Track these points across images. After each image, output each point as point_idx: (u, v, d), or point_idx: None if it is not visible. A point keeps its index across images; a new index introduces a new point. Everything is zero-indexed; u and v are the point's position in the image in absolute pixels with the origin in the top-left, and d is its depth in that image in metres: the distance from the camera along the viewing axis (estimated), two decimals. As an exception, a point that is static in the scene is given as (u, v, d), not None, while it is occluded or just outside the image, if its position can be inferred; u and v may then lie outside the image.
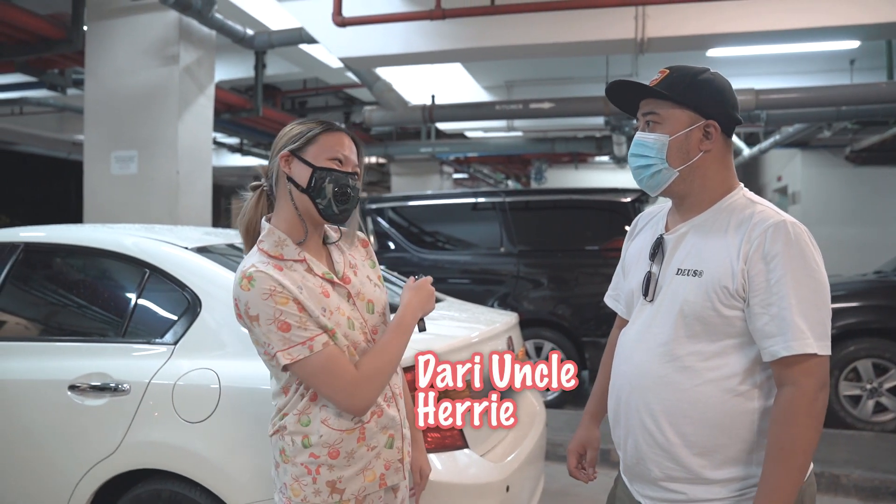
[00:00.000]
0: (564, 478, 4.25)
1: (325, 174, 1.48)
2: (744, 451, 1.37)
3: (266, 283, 1.41)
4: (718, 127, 1.42)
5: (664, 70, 1.48)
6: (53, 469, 2.28)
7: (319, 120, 1.56)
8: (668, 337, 1.42)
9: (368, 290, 1.60)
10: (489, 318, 2.96)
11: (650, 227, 1.59)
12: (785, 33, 5.10)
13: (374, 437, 1.53)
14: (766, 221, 1.35)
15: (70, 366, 2.31)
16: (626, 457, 1.51)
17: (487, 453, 2.37)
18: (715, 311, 1.36)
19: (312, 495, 1.47)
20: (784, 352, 1.30)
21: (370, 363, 1.48)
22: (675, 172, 1.44)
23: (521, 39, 5.22)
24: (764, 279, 1.32)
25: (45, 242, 2.72)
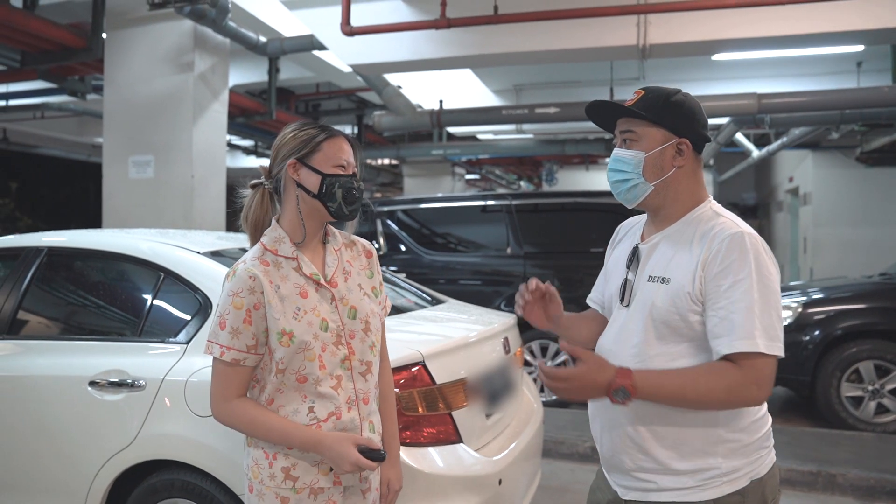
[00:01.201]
0: (565, 474, 4.38)
1: (334, 180, 1.61)
2: (708, 443, 1.47)
3: (239, 285, 1.57)
4: (690, 144, 1.53)
5: (639, 91, 1.58)
6: (74, 460, 2.44)
7: (318, 125, 1.69)
8: (640, 339, 1.52)
9: (355, 297, 1.69)
10: (487, 319, 3.07)
11: (629, 237, 1.70)
12: (787, 39, 5.16)
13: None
14: (725, 232, 1.45)
15: (90, 363, 2.46)
16: (603, 450, 1.62)
17: (482, 448, 2.49)
18: (679, 315, 1.46)
19: (268, 479, 1.59)
20: (726, 349, 1.39)
21: (243, 416, 1.58)
22: (650, 186, 1.54)
23: (524, 46, 5.33)
24: (717, 284, 1.42)
25: (66, 247, 2.89)
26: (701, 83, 8.11)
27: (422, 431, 2.25)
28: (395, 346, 2.32)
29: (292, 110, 10.87)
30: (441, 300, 3.50)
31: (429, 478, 2.18)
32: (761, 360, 1.39)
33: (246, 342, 1.57)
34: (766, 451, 1.55)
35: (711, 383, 1.41)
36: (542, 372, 1.43)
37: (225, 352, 1.57)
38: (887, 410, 5.05)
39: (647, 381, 1.42)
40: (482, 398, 2.56)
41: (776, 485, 1.56)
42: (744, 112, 6.52)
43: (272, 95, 8.49)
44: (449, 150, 11.89)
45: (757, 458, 1.51)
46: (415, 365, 2.25)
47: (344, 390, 1.64)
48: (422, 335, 2.58)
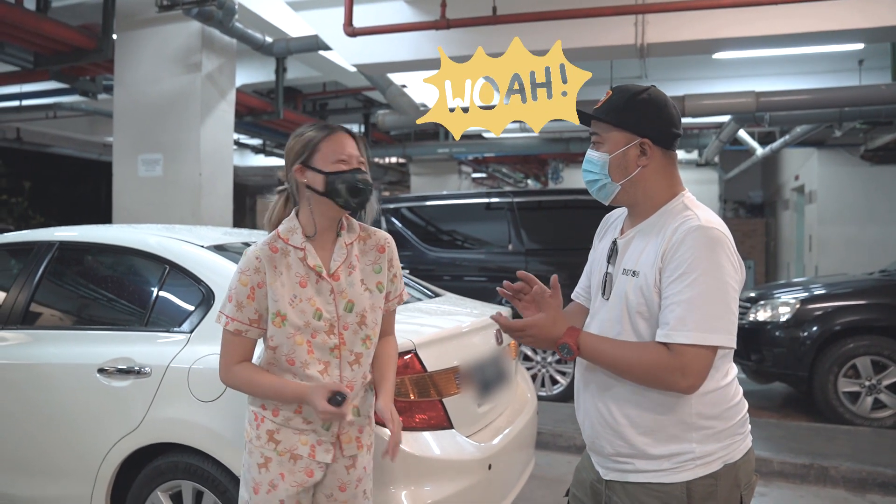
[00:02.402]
0: (562, 466, 4.47)
1: (335, 177, 1.75)
2: (682, 430, 1.53)
3: (246, 265, 1.77)
4: (652, 144, 1.58)
5: (609, 91, 1.64)
6: (84, 443, 2.56)
7: (318, 126, 1.83)
8: (618, 330, 1.58)
9: (355, 291, 1.82)
10: (481, 311, 3.17)
11: (610, 231, 1.76)
12: (785, 38, 5.21)
13: (311, 415, 1.77)
14: (686, 224, 1.50)
15: (99, 351, 2.58)
16: (585, 435, 1.70)
17: (473, 435, 2.58)
18: (647, 306, 1.53)
19: (255, 439, 1.80)
20: (663, 338, 1.47)
21: (242, 376, 1.78)
22: (617, 186, 1.61)
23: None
24: (668, 275, 1.48)
25: (77, 241, 3.02)
26: (702, 82, 8.16)
27: (413, 417, 2.35)
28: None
29: (300, 109, 10.98)
30: (438, 294, 3.60)
31: (419, 460, 2.28)
32: (692, 351, 1.44)
33: (249, 316, 1.76)
34: (741, 437, 1.60)
35: (641, 359, 1.49)
36: (499, 322, 1.60)
37: (229, 322, 1.76)
38: (884, 406, 5.09)
39: (589, 344, 1.54)
40: (474, 387, 2.65)
41: (751, 470, 1.62)
42: (742, 110, 6.57)
43: (279, 95, 8.60)
44: (455, 149, 11.99)
45: (731, 443, 1.56)
46: (407, 353, 2.34)
47: (330, 376, 1.78)
48: (415, 325, 2.67)
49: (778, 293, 5.81)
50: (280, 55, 7.13)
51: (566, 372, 5.82)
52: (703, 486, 1.52)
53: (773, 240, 16.66)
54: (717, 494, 1.53)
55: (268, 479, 1.76)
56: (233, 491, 2.29)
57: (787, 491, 4.07)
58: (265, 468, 1.77)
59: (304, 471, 1.79)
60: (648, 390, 1.55)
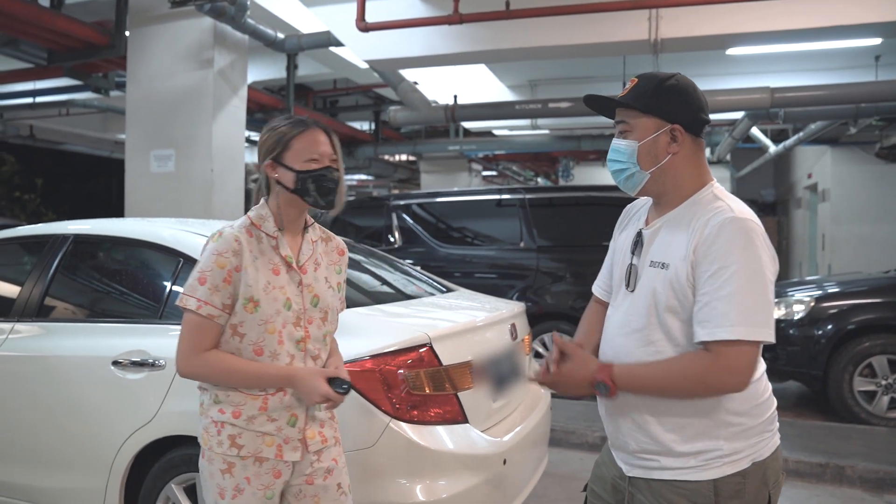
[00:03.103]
0: (574, 463, 4.45)
1: (305, 176, 1.72)
2: (710, 426, 1.49)
3: (224, 246, 1.69)
4: (683, 130, 1.52)
5: (634, 79, 1.59)
6: (98, 435, 2.56)
7: (290, 121, 1.79)
8: (643, 324, 1.53)
9: (320, 287, 1.81)
10: (494, 306, 3.15)
11: (634, 221, 1.70)
12: (800, 32, 5.16)
13: (276, 412, 1.73)
14: (718, 217, 1.44)
15: (113, 344, 2.58)
16: (608, 431, 1.66)
17: (488, 430, 2.56)
18: (677, 300, 1.47)
19: (216, 445, 1.71)
20: (707, 336, 1.41)
21: (217, 364, 1.68)
22: (646, 175, 1.55)
23: (537, 41, 5.39)
24: (703, 269, 1.42)
25: (92, 234, 3.02)
26: (716, 78, 8.08)
27: (428, 411, 2.34)
28: (403, 328, 2.43)
29: (310, 106, 10.99)
30: (451, 289, 3.58)
31: (434, 455, 2.27)
32: (738, 348, 1.40)
33: (222, 300, 1.68)
34: (770, 435, 1.56)
35: (685, 372, 1.44)
36: (534, 379, 1.55)
37: (202, 306, 1.66)
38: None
39: (625, 375, 1.48)
40: (488, 381, 2.64)
41: (779, 468, 1.58)
42: (757, 106, 6.51)
43: (290, 92, 8.60)
44: (465, 146, 11.97)
45: (760, 440, 1.53)
46: (422, 346, 2.33)
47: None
48: (430, 319, 2.66)
49: (792, 291, 5.76)
50: (291, 51, 7.14)
51: (578, 369, 5.78)
52: (730, 484, 1.49)
53: (785, 238, 16.53)
54: (744, 493, 1.49)
55: (233, 484, 1.70)
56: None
57: (803, 490, 4.03)
58: (229, 473, 1.70)
59: (272, 472, 1.73)
60: None
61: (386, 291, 3.19)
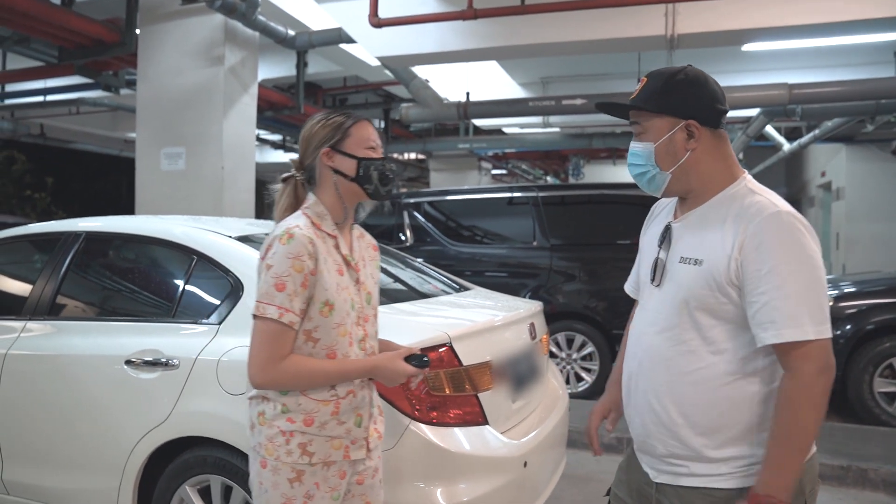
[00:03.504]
0: (590, 464, 4.38)
1: (369, 164, 1.71)
2: (744, 431, 1.43)
3: (298, 248, 1.59)
4: (699, 124, 1.47)
5: (644, 78, 1.54)
6: (111, 436, 2.52)
7: (342, 112, 1.77)
8: (674, 322, 1.48)
9: (371, 284, 1.82)
10: (512, 305, 3.09)
11: (662, 216, 1.66)
12: (818, 27, 5.06)
13: (346, 414, 1.71)
14: (762, 212, 1.39)
15: (126, 343, 2.54)
16: (635, 434, 1.60)
17: (507, 431, 2.51)
18: (714, 298, 1.42)
19: (285, 455, 1.64)
20: (775, 339, 1.35)
21: (299, 368, 1.62)
22: (667, 175, 1.51)
23: (552, 37, 5.32)
24: (756, 268, 1.36)
25: (104, 232, 2.98)
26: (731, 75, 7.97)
27: (448, 412, 2.28)
28: (422, 328, 2.38)
29: (320, 104, 10.95)
30: (467, 287, 3.52)
31: (455, 457, 2.21)
32: (813, 346, 1.35)
33: (300, 306, 1.61)
34: None
35: (796, 409, 1.36)
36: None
37: (284, 314, 1.58)
38: (922, 406, 4.95)
39: (777, 477, 1.37)
40: (508, 382, 2.58)
41: (815, 475, 1.51)
42: (775, 103, 6.40)
43: (300, 89, 8.56)
44: (475, 144, 11.89)
45: None
46: (442, 346, 2.27)
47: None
48: (448, 318, 2.60)
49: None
50: (302, 48, 7.09)
51: (591, 369, 5.73)
52: None
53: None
54: None
55: (302, 492, 1.65)
56: (263, 486, 2.23)
57: (826, 494, 3.94)
58: (298, 481, 1.65)
59: (338, 474, 1.71)
60: (711, 387, 1.44)
61: (401, 290, 3.14)
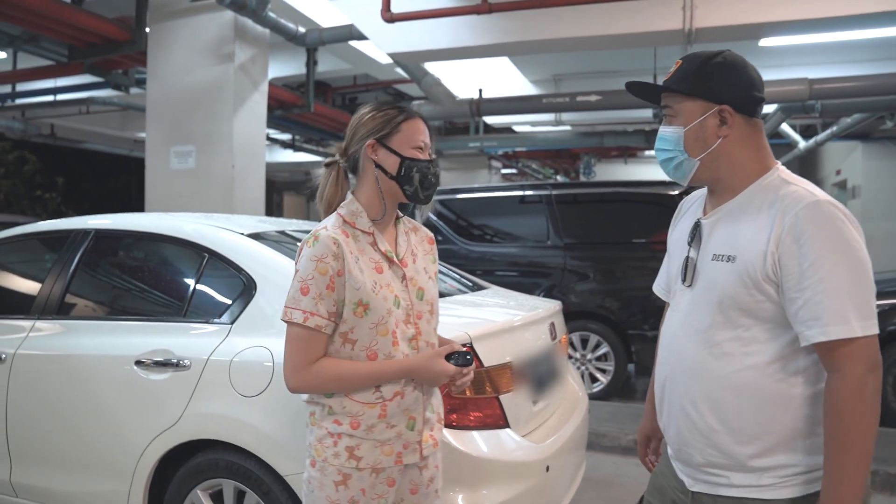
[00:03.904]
0: (608, 467, 4.29)
1: (412, 164, 1.62)
2: (788, 438, 1.34)
3: (322, 249, 1.56)
4: (732, 110, 1.40)
5: (679, 61, 1.47)
6: (121, 439, 2.45)
7: (396, 106, 1.69)
8: (707, 323, 1.40)
9: (422, 279, 1.71)
10: (532, 305, 3.00)
11: (691, 212, 1.58)
12: (838, 20, 4.95)
13: (395, 417, 1.62)
14: (799, 202, 1.31)
15: (136, 343, 2.47)
16: (670, 441, 1.52)
17: (528, 434, 2.43)
18: (750, 296, 1.34)
19: (332, 457, 1.59)
20: (821, 337, 1.26)
21: (329, 372, 1.57)
22: (695, 162, 1.43)
23: (568, 32, 5.22)
24: (797, 262, 1.28)
25: (113, 229, 2.91)
26: (748, 71, 7.82)
27: (468, 415, 2.20)
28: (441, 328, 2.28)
29: (329, 103, 10.91)
30: (483, 286, 3.44)
31: (476, 462, 2.13)
32: (860, 344, 1.26)
33: (328, 308, 1.57)
34: None
35: (846, 412, 1.26)
36: None
37: (309, 317, 1.55)
38: (946, 409, 4.83)
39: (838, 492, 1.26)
40: (528, 383, 2.50)
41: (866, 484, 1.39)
42: (794, 98, 6.27)
43: (310, 88, 8.51)
44: (486, 143, 11.79)
45: None
46: (462, 346, 2.18)
47: None
48: (467, 318, 2.52)
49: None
50: (312, 45, 7.04)
51: (606, 369, 5.64)
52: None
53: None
54: None
55: (347, 497, 1.60)
56: (277, 491, 2.16)
57: (851, 498, 3.83)
58: (344, 485, 1.59)
59: (386, 481, 1.63)
60: (750, 391, 1.35)
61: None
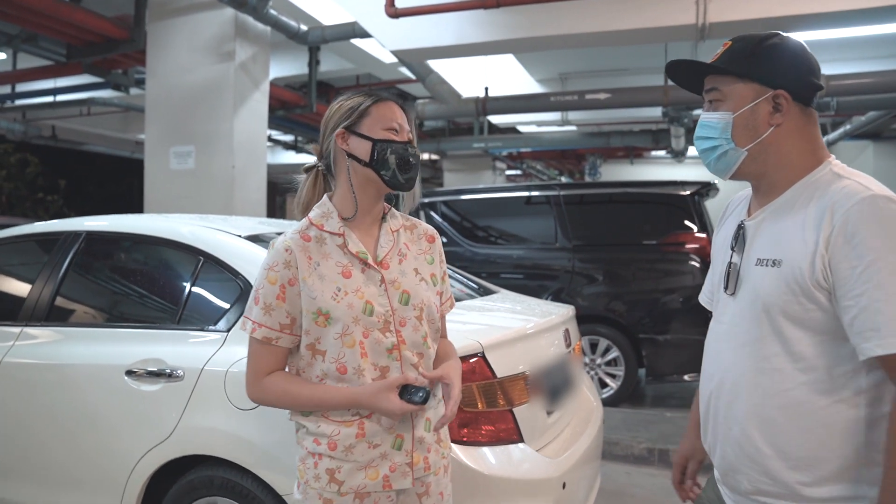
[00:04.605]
0: (621, 478, 4.14)
1: (385, 146, 1.48)
2: (848, 466, 1.21)
3: (274, 257, 1.48)
4: (789, 96, 1.27)
5: (727, 42, 1.35)
6: (111, 452, 2.31)
7: (365, 92, 1.56)
8: (754, 335, 1.28)
9: (409, 281, 1.53)
10: (545, 310, 2.86)
11: (735, 215, 1.46)
12: (857, 14, 4.79)
13: (378, 436, 1.47)
14: (852, 198, 1.17)
15: (127, 351, 2.33)
16: (717, 465, 1.39)
17: (543, 448, 2.29)
18: (799, 304, 1.21)
19: (313, 480, 1.47)
20: (880, 350, 1.12)
21: (276, 387, 1.48)
22: (742, 152, 1.30)
23: (577, 28, 5.07)
24: (849, 266, 1.15)
25: (105, 231, 2.78)
26: (758, 69, 7.67)
27: (480, 429, 2.06)
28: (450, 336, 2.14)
29: (332, 103, 10.79)
30: (492, 290, 3.30)
31: (489, 480, 1.99)
32: None
33: (279, 320, 1.47)
34: None
35: None
36: None
37: (256, 328, 1.48)
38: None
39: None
40: (543, 394, 2.35)
41: None
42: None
43: (313, 87, 8.39)
44: (490, 144, 11.64)
45: None
46: (473, 356, 2.05)
47: None
48: (478, 325, 2.38)
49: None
50: (315, 44, 6.91)
51: (616, 374, 5.49)
52: None
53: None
54: None
55: None
56: (275, 511, 2.01)
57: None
58: None
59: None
60: (803, 411, 1.22)
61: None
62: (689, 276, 5.37)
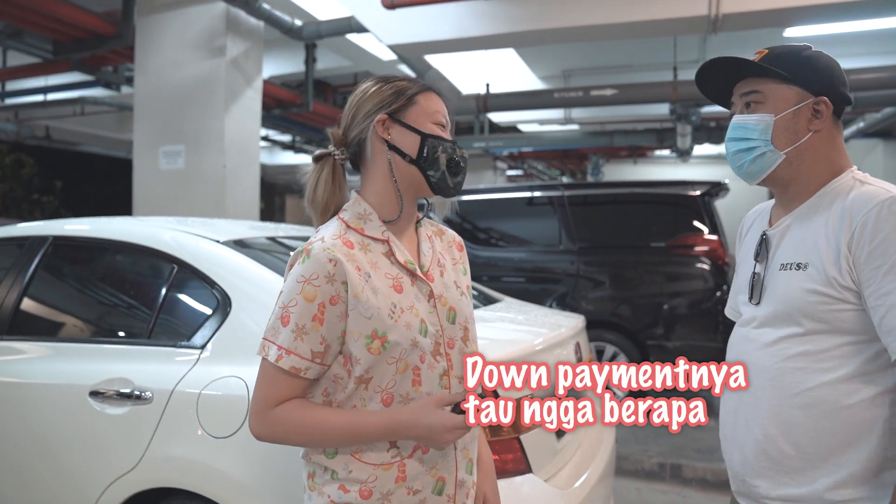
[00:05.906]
0: (630, 494, 3.92)
1: (437, 143, 1.26)
2: (874, 469, 1.20)
3: (313, 267, 1.18)
4: (830, 104, 1.29)
5: (762, 50, 1.36)
6: (71, 482, 2.09)
7: (405, 77, 1.31)
8: (777, 336, 1.29)
9: (453, 296, 1.33)
10: (554, 322, 2.63)
11: (756, 226, 1.47)
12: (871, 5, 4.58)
13: (419, 479, 1.23)
14: (872, 200, 1.20)
15: (91, 370, 2.11)
16: (733, 473, 1.38)
17: (553, 477, 2.06)
18: (825, 305, 1.23)
19: None
20: None
21: (292, 417, 1.21)
22: (781, 155, 1.31)
23: (582, 20, 4.84)
24: (874, 266, 1.17)
25: (72, 236, 2.54)
26: (768, 65, 7.44)
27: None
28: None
29: (329, 102, 10.56)
30: (495, 298, 3.07)
31: (494, 520, 1.75)
32: None
33: (312, 347, 1.19)
34: None
35: None
36: None
37: (283, 356, 1.18)
38: None
39: None
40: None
41: None
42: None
43: (309, 85, 8.17)
44: (491, 143, 11.39)
45: None
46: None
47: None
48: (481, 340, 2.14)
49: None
50: (309, 39, 6.69)
51: (624, 383, 5.26)
52: None
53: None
54: None
55: None
56: (252, 553, 1.79)
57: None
58: None
59: None
60: (827, 410, 1.22)
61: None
62: (699, 280, 5.16)
